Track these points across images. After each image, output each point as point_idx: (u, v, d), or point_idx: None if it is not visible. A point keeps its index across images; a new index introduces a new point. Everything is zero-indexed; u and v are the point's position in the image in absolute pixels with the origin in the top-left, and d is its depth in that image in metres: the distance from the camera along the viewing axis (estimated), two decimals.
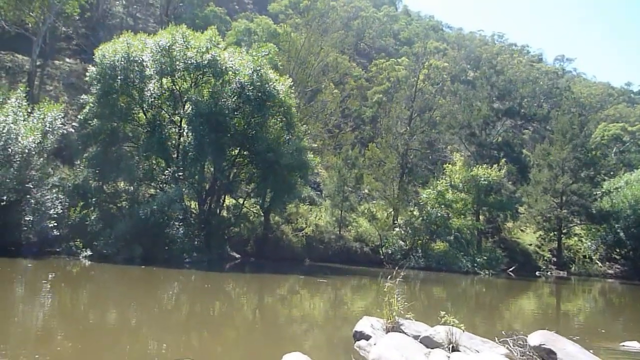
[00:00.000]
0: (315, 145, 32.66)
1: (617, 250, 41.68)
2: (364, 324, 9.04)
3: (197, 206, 27.37)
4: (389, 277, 9.39)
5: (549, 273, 38.44)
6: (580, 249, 41.73)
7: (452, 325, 8.37)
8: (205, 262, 23.42)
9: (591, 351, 8.50)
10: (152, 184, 26.27)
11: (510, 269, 35.36)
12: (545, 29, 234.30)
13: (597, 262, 41.12)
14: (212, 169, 27.46)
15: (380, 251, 32.94)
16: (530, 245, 41.26)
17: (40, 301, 11.81)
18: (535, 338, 8.07)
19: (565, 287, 32.06)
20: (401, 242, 33.54)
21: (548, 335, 8.10)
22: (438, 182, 35.49)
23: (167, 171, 24.83)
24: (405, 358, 7.31)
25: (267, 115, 26.62)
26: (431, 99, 38.77)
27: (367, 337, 8.69)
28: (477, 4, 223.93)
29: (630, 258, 40.92)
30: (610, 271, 40.61)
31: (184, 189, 24.65)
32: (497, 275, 33.18)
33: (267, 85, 25.74)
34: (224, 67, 25.63)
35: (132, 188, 25.57)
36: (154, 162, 26.45)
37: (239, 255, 27.93)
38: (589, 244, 41.63)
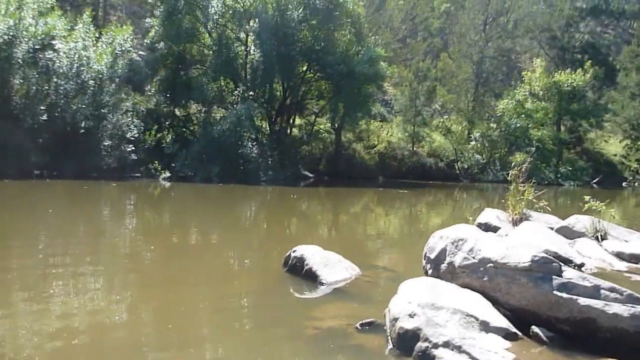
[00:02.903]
0: (387, 54, 30.84)
1: None
2: (488, 216, 8.19)
3: (267, 126, 26.90)
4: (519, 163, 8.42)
5: (636, 184, 36.20)
6: None
7: (598, 210, 7.42)
8: (282, 179, 23.15)
9: None
10: (222, 106, 25.91)
11: (595, 181, 33.44)
12: None
13: None
14: (281, 88, 26.76)
15: (456, 166, 31.76)
16: (615, 155, 38.82)
17: (127, 221, 11.62)
18: None
19: None
20: (477, 156, 32.13)
21: None
22: (516, 91, 33.43)
23: (236, 91, 24.30)
24: (556, 245, 6.44)
25: (336, 26, 25.36)
26: (507, 0, 35.75)
27: (495, 229, 7.85)
28: None
29: None
30: None
31: (253, 109, 24.14)
32: (581, 186, 31.55)
33: None
34: None
35: (203, 110, 25.37)
36: (222, 83, 25.95)
37: (312, 175, 27.52)
38: None
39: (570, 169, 32.44)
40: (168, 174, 21.41)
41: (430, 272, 4.89)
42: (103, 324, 4.54)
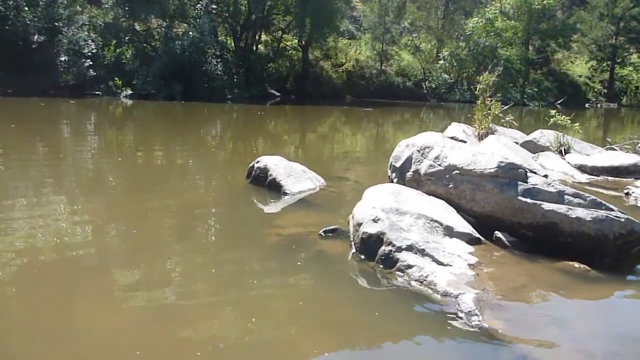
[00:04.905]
0: None
1: None
2: (454, 130, 8.15)
3: (232, 42, 26.00)
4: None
5: (598, 105, 36.75)
6: (634, 79, 39.38)
7: (564, 124, 7.44)
8: (247, 98, 22.67)
9: None
10: (185, 21, 24.79)
11: (559, 101, 33.77)
12: None
13: None
14: (246, 2, 25.64)
15: (424, 85, 31.52)
16: (580, 77, 39.09)
17: (89, 139, 11.20)
18: None
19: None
20: (445, 76, 31.90)
21: None
22: (487, 9, 32.85)
23: (198, 5, 23.22)
24: (520, 157, 6.45)
25: None
26: None
27: (462, 142, 7.82)
28: None
29: None
30: None
31: (217, 24, 23.22)
32: (546, 107, 31.87)
33: None
34: None
35: (164, 25, 24.27)
36: None
37: (278, 93, 26.99)
38: None
39: (536, 89, 32.63)
40: (130, 92, 20.70)
41: (395, 181, 4.84)
42: (69, 231, 4.41)
